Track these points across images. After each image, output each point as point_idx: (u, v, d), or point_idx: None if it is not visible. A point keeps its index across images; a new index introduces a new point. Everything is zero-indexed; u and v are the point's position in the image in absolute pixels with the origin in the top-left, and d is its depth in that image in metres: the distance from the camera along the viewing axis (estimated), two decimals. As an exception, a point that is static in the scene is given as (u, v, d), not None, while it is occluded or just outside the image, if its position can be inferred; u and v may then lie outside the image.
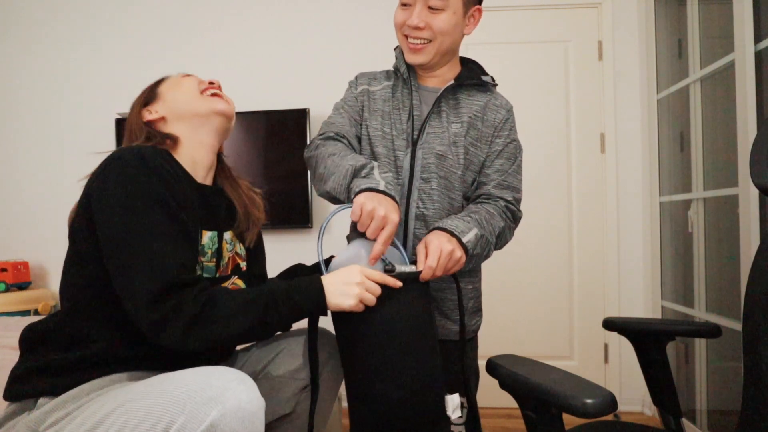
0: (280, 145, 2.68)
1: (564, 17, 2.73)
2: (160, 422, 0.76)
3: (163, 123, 1.14)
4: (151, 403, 0.78)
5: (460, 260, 1.11)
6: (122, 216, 0.92)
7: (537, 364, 0.90)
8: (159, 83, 1.20)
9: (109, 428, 0.79)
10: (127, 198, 0.92)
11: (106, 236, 0.93)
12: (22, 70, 2.92)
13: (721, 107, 2.05)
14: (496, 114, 1.31)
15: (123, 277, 0.91)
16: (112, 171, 0.95)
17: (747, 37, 1.77)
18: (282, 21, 2.82)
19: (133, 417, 0.78)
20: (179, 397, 0.76)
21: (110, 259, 0.93)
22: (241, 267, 1.19)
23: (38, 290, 2.72)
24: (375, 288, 0.98)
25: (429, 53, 1.26)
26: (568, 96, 2.73)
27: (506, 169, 1.31)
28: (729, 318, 1.94)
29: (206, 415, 0.74)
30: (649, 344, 1.23)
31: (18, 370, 0.97)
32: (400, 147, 1.29)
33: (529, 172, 2.70)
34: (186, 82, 1.18)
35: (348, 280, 0.96)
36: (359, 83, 1.38)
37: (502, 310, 2.71)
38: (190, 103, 1.14)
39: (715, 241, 2.12)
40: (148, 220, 0.92)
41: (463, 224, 1.16)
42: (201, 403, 0.75)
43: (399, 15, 1.27)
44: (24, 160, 2.91)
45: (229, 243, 1.14)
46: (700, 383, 2.19)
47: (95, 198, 0.94)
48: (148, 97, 1.17)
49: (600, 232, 2.71)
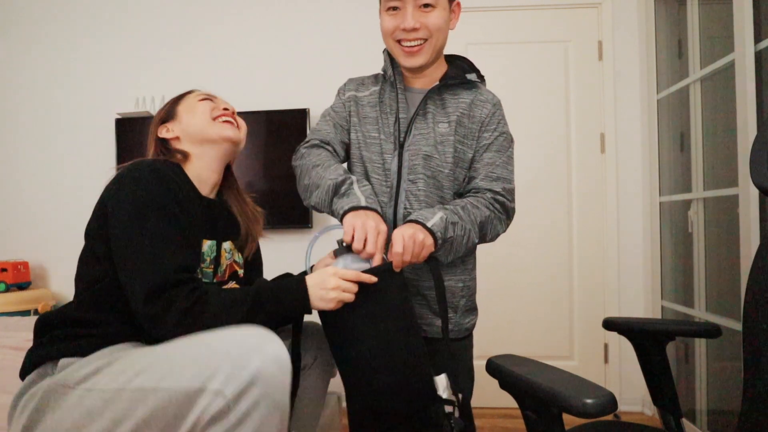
0: (280, 145, 2.68)
1: (564, 17, 2.73)
2: (207, 368, 0.83)
3: (177, 141, 1.26)
4: (195, 352, 0.87)
5: (424, 242, 1.11)
6: (130, 220, 1.02)
7: (537, 364, 0.90)
8: (179, 101, 1.29)
9: (153, 375, 0.87)
10: (137, 204, 1.03)
11: (116, 237, 1.03)
12: (22, 71, 2.92)
13: (721, 107, 2.05)
14: (482, 109, 1.31)
15: (126, 274, 1.01)
16: (127, 180, 1.06)
17: (747, 37, 1.77)
18: (282, 21, 2.82)
19: (177, 364, 0.86)
20: (222, 348, 0.85)
21: (117, 257, 1.03)
22: (239, 274, 1.28)
23: (38, 290, 2.72)
24: (351, 287, 1.04)
25: (427, 53, 1.26)
26: (568, 96, 2.73)
27: (495, 161, 1.31)
28: (729, 318, 1.94)
29: (249, 362, 0.83)
30: (649, 344, 1.23)
31: (34, 350, 1.06)
32: (388, 150, 1.30)
33: (529, 172, 2.71)
34: (200, 108, 1.26)
35: (324, 284, 1.04)
36: (347, 89, 1.39)
37: (503, 310, 2.72)
38: (202, 129, 1.24)
39: (715, 241, 2.12)
40: (153, 225, 1.02)
41: (428, 212, 1.18)
42: (244, 352, 0.84)
43: (388, 21, 1.25)
44: (24, 160, 2.91)
45: (227, 252, 1.24)
46: (700, 383, 2.19)
47: (110, 202, 1.06)
48: (166, 115, 1.28)
49: (600, 232, 2.71)
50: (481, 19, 2.76)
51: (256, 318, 0.98)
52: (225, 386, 0.82)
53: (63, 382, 0.95)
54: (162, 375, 0.86)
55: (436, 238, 1.14)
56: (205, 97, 1.29)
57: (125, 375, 0.90)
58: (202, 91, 1.32)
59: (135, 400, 0.87)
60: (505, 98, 2.67)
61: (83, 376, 0.94)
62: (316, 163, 1.25)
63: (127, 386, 0.89)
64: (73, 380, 0.94)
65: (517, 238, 2.70)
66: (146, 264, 0.99)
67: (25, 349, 1.56)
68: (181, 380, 0.85)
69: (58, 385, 0.95)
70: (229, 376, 0.82)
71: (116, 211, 1.04)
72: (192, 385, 0.84)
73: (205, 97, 1.29)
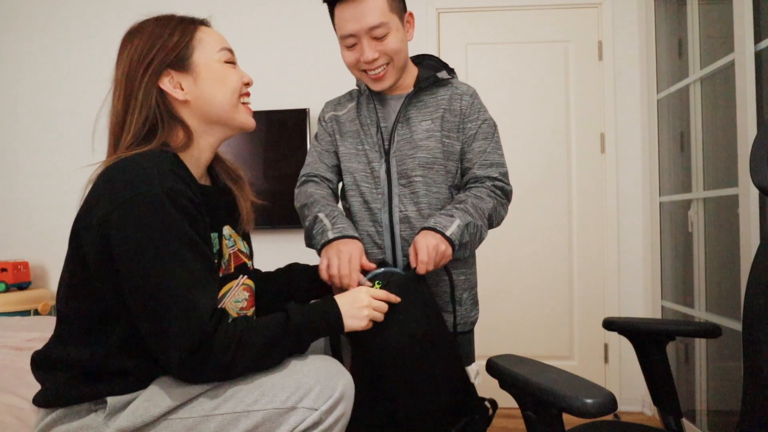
0: (280, 145, 2.68)
1: (564, 17, 2.73)
2: (300, 390, 0.92)
3: (185, 107, 0.99)
4: (286, 378, 0.93)
5: (446, 252, 1.19)
6: (151, 264, 0.85)
7: (537, 364, 0.90)
8: (193, 42, 0.99)
9: (244, 399, 0.91)
10: (157, 244, 0.85)
11: (130, 286, 0.87)
12: (23, 71, 2.92)
13: (721, 107, 2.05)
14: (461, 102, 1.35)
15: (151, 330, 0.87)
16: (135, 214, 0.85)
17: (747, 37, 1.77)
18: (282, 21, 2.82)
19: (268, 389, 0.92)
20: (312, 373, 0.94)
21: (138, 310, 0.87)
22: (249, 266, 1.14)
23: (38, 290, 2.72)
24: (381, 305, 1.06)
25: (391, 74, 1.30)
26: (568, 96, 2.73)
27: (485, 148, 1.35)
28: (729, 318, 1.94)
29: (336, 384, 0.94)
30: (649, 344, 1.23)
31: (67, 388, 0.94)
32: (374, 159, 1.34)
33: (529, 172, 2.71)
34: (232, 79, 1.02)
35: (356, 301, 1.04)
36: (326, 112, 1.44)
37: (503, 310, 2.72)
38: (227, 110, 1.02)
39: (715, 241, 2.12)
40: (178, 266, 0.86)
41: (445, 219, 1.22)
42: (330, 376, 0.94)
43: (348, 56, 1.30)
44: (24, 160, 2.91)
45: (228, 239, 1.07)
46: (700, 383, 2.19)
47: (119, 242, 0.86)
48: (176, 61, 0.97)
49: (600, 232, 2.71)
50: (481, 19, 2.76)
51: (296, 351, 0.98)
52: (316, 403, 0.92)
53: (133, 426, 0.90)
54: (254, 399, 0.91)
55: (454, 246, 1.20)
56: (230, 57, 1.04)
57: (209, 403, 0.91)
58: (218, 35, 1.06)
59: (225, 423, 0.91)
60: (505, 98, 2.70)
61: (158, 413, 0.90)
62: (303, 203, 1.33)
63: (214, 412, 0.91)
64: (144, 420, 0.90)
65: (517, 237, 2.70)
66: (175, 320, 0.84)
67: (25, 349, 1.57)
68: (275, 401, 0.91)
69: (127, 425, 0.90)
70: (320, 395, 0.92)
71: (130, 255, 0.85)
72: (285, 405, 0.91)
73: (230, 57, 1.04)
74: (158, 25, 1.00)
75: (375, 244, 1.35)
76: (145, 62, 0.97)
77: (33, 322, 2.08)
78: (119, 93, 0.99)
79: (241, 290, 1.09)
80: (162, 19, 1.02)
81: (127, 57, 0.98)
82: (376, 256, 1.33)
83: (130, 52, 0.98)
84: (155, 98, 0.97)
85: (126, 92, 0.98)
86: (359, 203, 1.36)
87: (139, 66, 0.97)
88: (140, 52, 0.97)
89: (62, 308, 0.97)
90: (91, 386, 0.92)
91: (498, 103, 2.52)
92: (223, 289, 1.05)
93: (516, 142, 2.65)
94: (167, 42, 0.98)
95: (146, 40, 0.98)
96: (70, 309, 0.95)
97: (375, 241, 1.35)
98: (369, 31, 1.23)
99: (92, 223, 0.88)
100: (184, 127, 0.99)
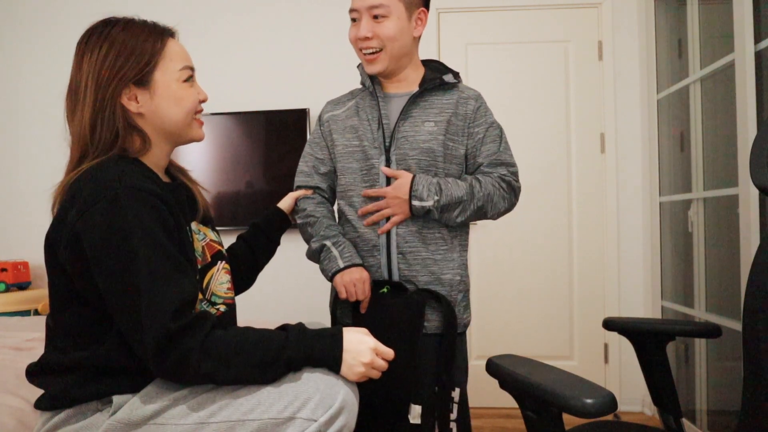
0: (280, 145, 2.68)
1: (564, 17, 2.73)
2: (298, 400, 0.90)
3: (140, 118, 1.01)
4: (283, 388, 0.91)
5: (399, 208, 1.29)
6: (116, 262, 0.88)
7: (537, 364, 0.90)
8: (156, 60, 1.00)
9: (240, 408, 0.90)
10: (118, 243, 0.88)
11: (106, 287, 0.89)
12: (23, 71, 2.92)
13: (721, 107, 2.05)
14: (467, 106, 1.36)
15: (126, 330, 0.90)
16: (106, 213, 0.88)
17: (747, 37, 1.77)
18: (282, 21, 2.81)
19: (265, 398, 0.90)
20: (311, 382, 0.92)
21: (112, 310, 0.90)
22: (224, 253, 1.17)
23: (38, 290, 2.72)
24: (382, 365, 0.99)
25: (383, 60, 1.31)
26: (568, 96, 2.73)
27: (495, 151, 1.37)
28: (729, 318, 1.94)
29: (337, 393, 0.91)
30: (649, 344, 1.23)
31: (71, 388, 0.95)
32: (373, 155, 1.34)
33: (529, 172, 2.70)
34: (189, 100, 1.04)
35: (359, 356, 0.96)
36: (325, 112, 1.45)
37: (503, 310, 2.71)
38: (180, 127, 1.05)
39: (715, 241, 2.12)
40: (143, 264, 0.87)
41: (426, 189, 1.28)
42: (330, 386, 0.92)
43: (351, 31, 1.34)
44: (24, 160, 2.91)
45: (198, 234, 1.08)
46: (700, 383, 2.19)
47: (88, 245, 0.89)
48: (139, 75, 0.98)
49: (600, 232, 2.71)
50: (481, 19, 2.76)
51: (285, 374, 0.93)
52: (315, 413, 0.89)
53: (127, 421, 0.91)
54: (250, 408, 0.90)
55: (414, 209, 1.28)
56: (189, 75, 1.05)
57: (205, 410, 0.90)
58: (182, 51, 1.07)
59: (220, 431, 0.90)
60: (505, 98, 2.70)
61: (151, 412, 0.91)
62: (305, 221, 1.41)
63: (210, 420, 0.90)
64: (138, 417, 0.91)
65: (517, 237, 2.70)
66: (142, 318, 0.86)
67: (25, 349, 1.57)
68: (271, 411, 0.89)
69: (121, 423, 0.91)
70: (319, 405, 0.89)
71: (95, 252, 0.88)
72: (282, 415, 0.89)
73: (189, 75, 1.05)
74: (129, 35, 1.00)
75: (373, 247, 1.34)
76: (117, 76, 0.98)
77: (33, 322, 2.08)
78: (87, 104, 0.99)
79: (222, 274, 1.13)
80: (131, 28, 1.02)
81: (95, 65, 0.99)
82: (372, 260, 1.34)
83: (99, 60, 0.98)
84: (119, 109, 0.99)
85: (95, 104, 0.99)
86: (358, 203, 1.35)
87: (111, 79, 0.98)
88: (111, 64, 0.98)
89: (50, 322, 0.99)
90: (97, 384, 0.94)
91: (498, 103, 2.51)
92: (206, 278, 1.07)
93: (516, 142, 2.62)
94: (140, 58, 0.99)
95: (118, 51, 0.99)
96: (63, 318, 0.97)
97: (373, 244, 1.34)
98: (369, 9, 1.28)
99: (64, 232, 0.92)
100: (141, 135, 1.02)
